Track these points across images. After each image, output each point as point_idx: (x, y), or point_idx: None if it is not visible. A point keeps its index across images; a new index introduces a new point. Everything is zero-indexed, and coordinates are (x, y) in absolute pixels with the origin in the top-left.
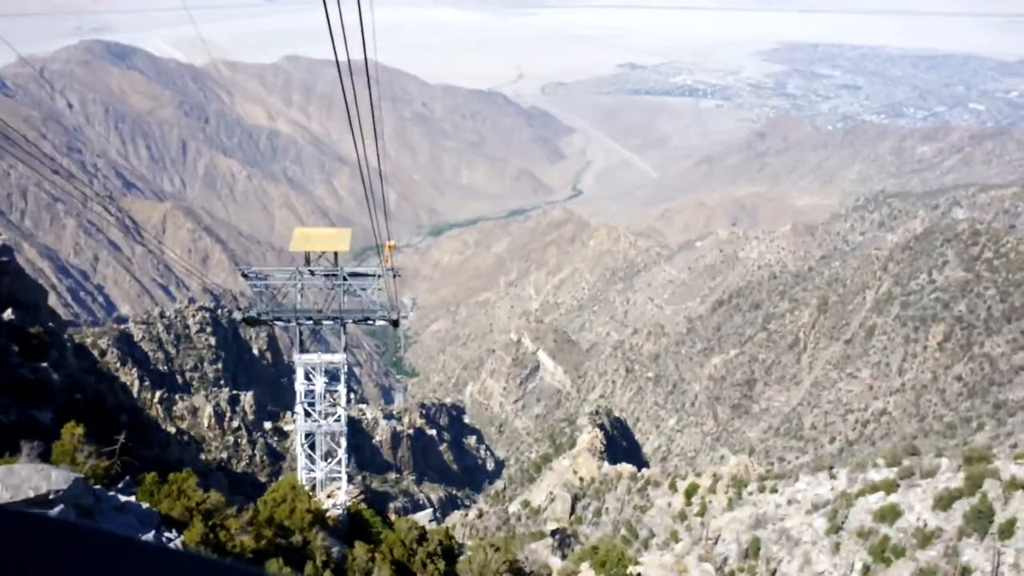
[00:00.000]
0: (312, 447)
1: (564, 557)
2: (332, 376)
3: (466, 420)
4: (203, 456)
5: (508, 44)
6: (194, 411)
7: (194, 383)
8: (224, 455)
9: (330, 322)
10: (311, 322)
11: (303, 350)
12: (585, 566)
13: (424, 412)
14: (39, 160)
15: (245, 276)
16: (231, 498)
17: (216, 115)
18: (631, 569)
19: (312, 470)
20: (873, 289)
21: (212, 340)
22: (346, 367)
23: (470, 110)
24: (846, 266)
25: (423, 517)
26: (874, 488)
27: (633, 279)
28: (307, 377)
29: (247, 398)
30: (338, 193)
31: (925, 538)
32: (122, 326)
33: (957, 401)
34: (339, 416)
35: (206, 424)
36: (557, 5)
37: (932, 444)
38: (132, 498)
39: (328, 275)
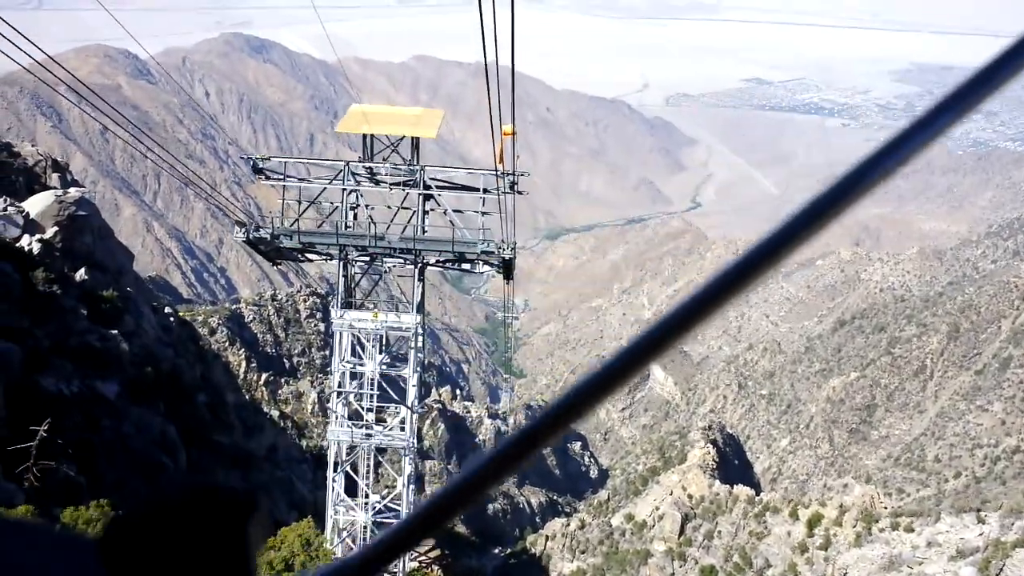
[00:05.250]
0: (354, 469)
1: None
2: (393, 355)
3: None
4: (304, 443)
5: (635, 53)
6: (299, 396)
7: (301, 368)
8: (324, 443)
9: (398, 259)
10: (366, 257)
11: (348, 303)
12: None
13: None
14: (164, 149)
15: (259, 171)
16: (316, 493)
17: (344, 110)
18: None
19: (351, 508)
20: (1010, 319)
21: (321, 327)
22: (421, 337)
23: (593, 117)
24: (980, 293)
25: None
26: None
27: (749, 294)
28: (355, 351)
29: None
30: None
31: None
32: (234, 307)
33: None
34: (402, 420)
35: (309, 410)
36: (686, 17)
37: None
38: None
39: (400, 182)
